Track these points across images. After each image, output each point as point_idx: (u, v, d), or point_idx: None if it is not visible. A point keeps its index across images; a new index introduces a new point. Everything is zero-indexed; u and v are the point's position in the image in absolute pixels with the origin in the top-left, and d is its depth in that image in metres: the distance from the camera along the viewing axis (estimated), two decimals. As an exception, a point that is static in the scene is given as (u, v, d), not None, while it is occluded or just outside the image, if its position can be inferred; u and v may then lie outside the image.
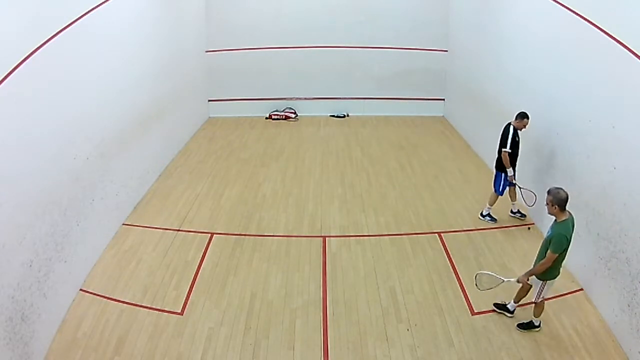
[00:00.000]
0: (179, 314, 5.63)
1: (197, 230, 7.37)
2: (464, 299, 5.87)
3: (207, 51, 12.37)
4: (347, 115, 13.04)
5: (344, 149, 10.76)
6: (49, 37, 5.31)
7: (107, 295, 5.89)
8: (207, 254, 6.77)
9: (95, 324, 5.44)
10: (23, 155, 4.85)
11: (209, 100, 12.82)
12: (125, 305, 5.75)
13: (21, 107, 4.82)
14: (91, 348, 5.11)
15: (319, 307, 5.76)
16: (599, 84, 5.78)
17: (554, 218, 4.97)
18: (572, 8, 6.35)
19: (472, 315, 5.61)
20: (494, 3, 9.41)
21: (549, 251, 4.90)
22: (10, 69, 4.62)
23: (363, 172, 9.52)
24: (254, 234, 7.30)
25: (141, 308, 5.70)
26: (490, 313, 5.62)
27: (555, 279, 5.18)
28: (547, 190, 4.95)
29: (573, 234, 4.93)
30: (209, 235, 7.25)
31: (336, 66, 12.67)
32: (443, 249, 6.90)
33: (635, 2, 5.12)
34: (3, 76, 4.51)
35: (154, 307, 5.73)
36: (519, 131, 7.10)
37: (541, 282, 5.14)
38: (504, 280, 5.32)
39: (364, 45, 12.48)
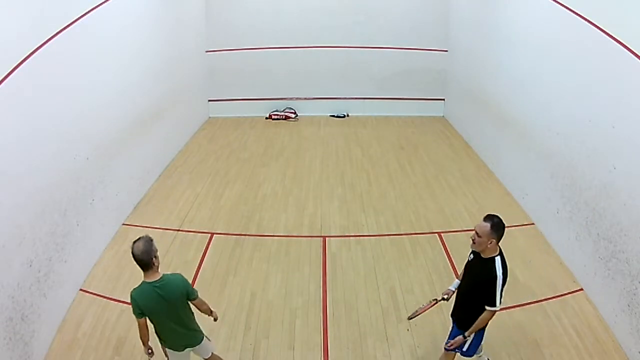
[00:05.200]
0: (179, 314, 5.63)
1: (197, 230, 7.37)
2: (464, 299, 5.86)
3: (207, 51, 12.36)
4: (347, 115, 13.03)
5: (344, 149, 10.76)
6: (49, 37, 5.31)
7: (107, 295, 5.89)
8: (207, 254, 6.77)
9: (95, 324, 5.44)
10: (23, 155, 4.85)
11: (209, 100, 12.81)
12: (125, 305, 5.72)
13: (21, 107, 4.82)
14: (91, 348, 5.11)
15: (318, 307, 5.76)
16: (599, 84, 5.77)
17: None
18: (572, 8, 6.34)
19: (472, 315, 5.61)
20: (494, 3, 9.40)
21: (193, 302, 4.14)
22: (10, 69, 4.62)
23: (363, 172, 9.52)
24: (254, 234, 7.29)
25: (141, 308, 5.70)
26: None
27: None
28: None
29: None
30: (209, 235, 7.25)
31: (336, 66, 12.65)
32: (443, 249, 6.90)
33: (636, 2, 5.12)
34: (3, 76, 4.51)
35: (154, 307, 5.72)
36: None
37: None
38: None
39: (364, 45, 12.45)
